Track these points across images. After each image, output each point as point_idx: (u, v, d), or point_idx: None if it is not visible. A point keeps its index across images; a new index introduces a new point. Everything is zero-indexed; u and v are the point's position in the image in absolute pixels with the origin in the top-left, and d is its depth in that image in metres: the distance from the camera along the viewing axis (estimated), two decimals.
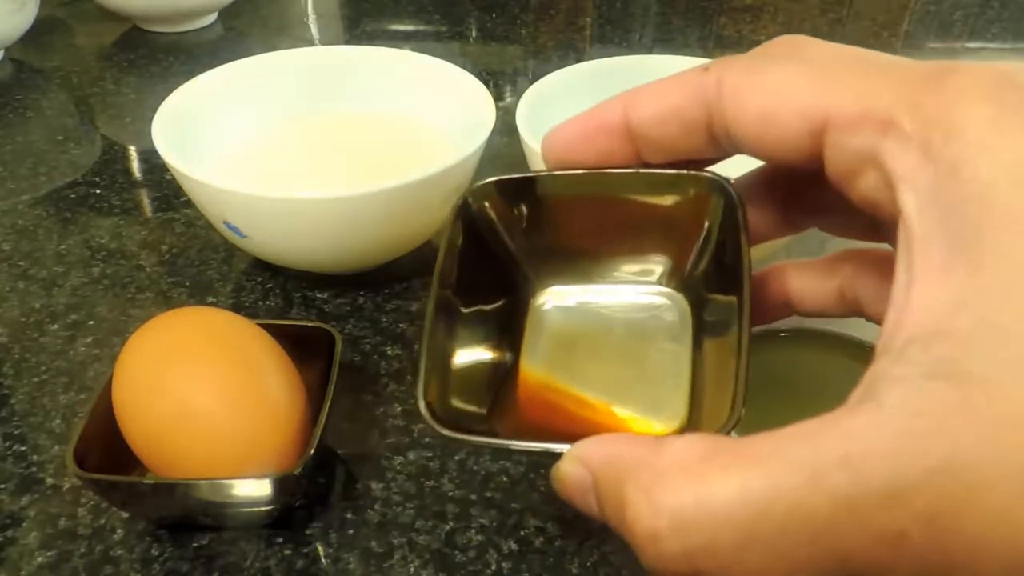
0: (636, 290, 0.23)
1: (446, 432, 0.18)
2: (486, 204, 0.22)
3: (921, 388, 0.11)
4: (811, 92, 0.14)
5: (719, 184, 0.20)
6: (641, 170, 0.20)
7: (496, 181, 0.22)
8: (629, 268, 0.23)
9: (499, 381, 0.22)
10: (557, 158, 0.20)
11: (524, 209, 0.22)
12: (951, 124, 0.12)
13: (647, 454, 0.14)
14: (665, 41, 0.71)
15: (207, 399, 0.24)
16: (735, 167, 0.20)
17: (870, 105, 0.14)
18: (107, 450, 0.26)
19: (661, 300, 0.23)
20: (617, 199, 0.21)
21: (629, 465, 0.14)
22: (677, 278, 0.22)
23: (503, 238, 0.23)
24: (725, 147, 0.17)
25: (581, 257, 0.23)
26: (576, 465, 0.15)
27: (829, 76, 0.15)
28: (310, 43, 0.69)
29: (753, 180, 0.21)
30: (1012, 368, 0.11)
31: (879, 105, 0.14)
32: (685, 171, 0.20)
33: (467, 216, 0.22)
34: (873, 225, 0.18)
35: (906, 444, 0.11)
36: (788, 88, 0.15)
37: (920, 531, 0.11)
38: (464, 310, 0.22)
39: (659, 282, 0.23)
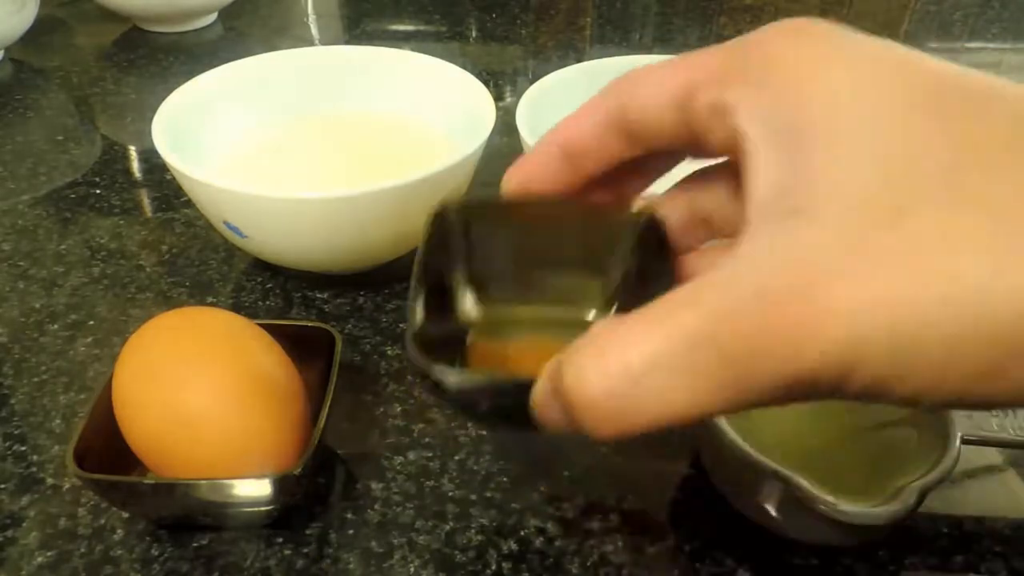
0: (569, 316, 0.23)
1: (432, 368, 0.18)
2: (449, 220, 0.22)
3: (781, 224, 0.15)
4: (680, 76, 0.18)
5: (647, 217, 0.20)
6: (571, 201, 0.21)
7: (457, 201, 0.22)
8: (564, 296, 0.23)
9: None
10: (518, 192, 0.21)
11: (469, 232, 0.22)
12: (765, 55, 0.16)
13: (581, 341, 0.16)
14: (665, 41, 0.71)
15: (206, 399, 0.24)
16: None
17: (713, 71, 0.17)
18: (107, 450, 0.26)
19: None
20: (552, 228, 0.22)
21: (568, 355, 0.16)
22: (611, 305, 0.23)
23: (453, 255, 0.23)
24: (638, 147, 0.20)
25: (518, 282, 0.23)
26: (543, 380, 0.16)
27: (691, 60, 0.18)
28: (310, 43, 0.69)
29: (682, 212, 0.22)
30: (846, 208, 0.14)
31: (720, 69, 0.17)
32: (613, 205, 0.21)
33: (440, 226, 0.22)
34: None
35: (774, 259, 0.14)
36: (663, 77, 0.18)
37: (781, 313, 0.14)
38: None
39: (593, 308, 0.23)
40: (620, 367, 0.14)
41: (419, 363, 0.18)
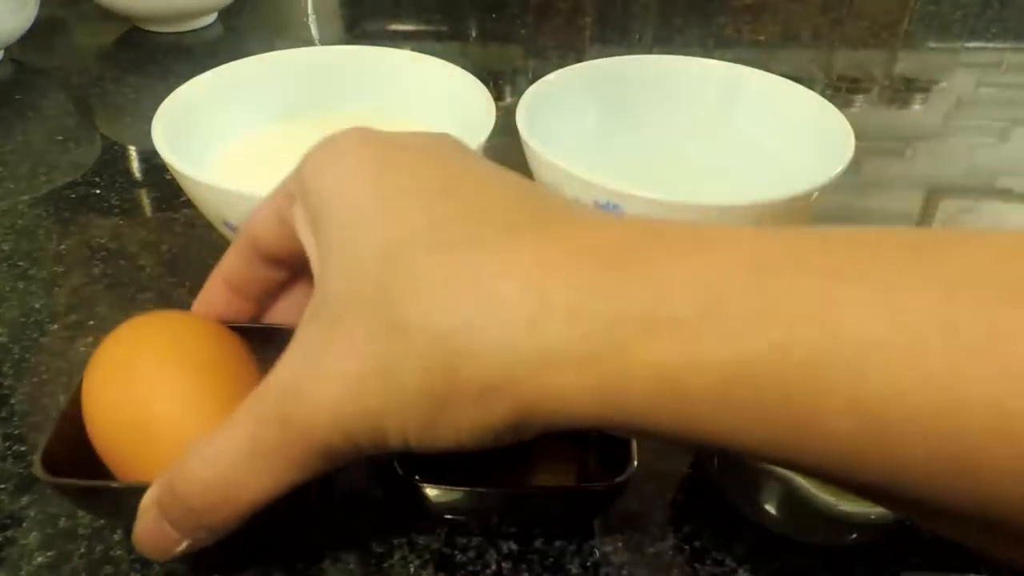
0: None
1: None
2: None
3: (304, 328, 0.19)
4: (277, 197, 0.22)
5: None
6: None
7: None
8: None
9: None
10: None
11: None
12: (306, 179, 0.20)
13: (184, 457, 0.20)
14: (665, 41, 0.71)
15: (172, 406, 0.23)
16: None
17: (290, 192, 0.22)
18: (79, 460, 0.24)
19: None
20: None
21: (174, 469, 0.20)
22: None
23: None
24: (281, 268, 0.24)
25: None
26: (151, 500, 0.20)
27: (283, 183, 0.22)
28: (310, 43, 0.69)
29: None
30: (330, 309, 0.18)
31: (292, 190, 0.21)
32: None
33: None
34: None
35: (297, 360, 0.18)
36: (269, 201, 0.23)
37: (290, 413, 0.18)
38: None
39: None
40: (212, 470, 0.19)
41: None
